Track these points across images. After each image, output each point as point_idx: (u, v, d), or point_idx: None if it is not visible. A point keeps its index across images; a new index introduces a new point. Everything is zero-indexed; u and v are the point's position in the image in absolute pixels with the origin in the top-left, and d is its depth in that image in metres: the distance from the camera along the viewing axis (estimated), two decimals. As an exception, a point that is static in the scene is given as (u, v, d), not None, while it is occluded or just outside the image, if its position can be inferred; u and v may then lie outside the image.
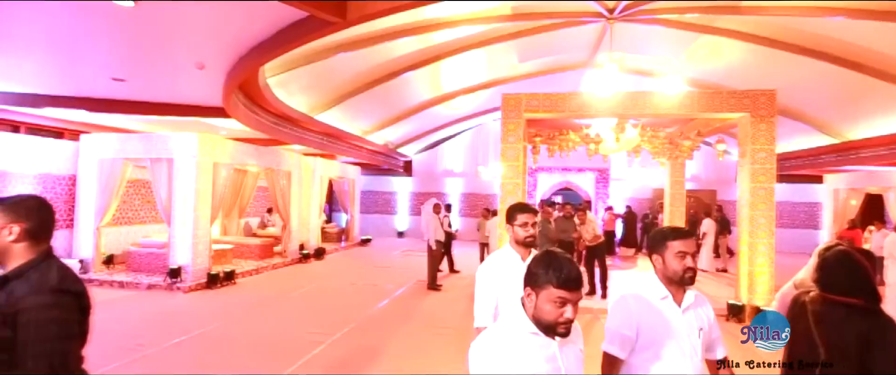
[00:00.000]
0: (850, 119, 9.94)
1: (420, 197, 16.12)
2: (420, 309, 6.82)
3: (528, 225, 2.26)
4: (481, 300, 2.22)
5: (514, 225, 2.29)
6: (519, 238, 2.28)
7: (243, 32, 4.89)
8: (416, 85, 10.43)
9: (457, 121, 14.35)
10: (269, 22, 4.75)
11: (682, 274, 1.75)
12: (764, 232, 6.15)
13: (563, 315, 1.39)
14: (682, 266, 1.75)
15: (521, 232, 2.27)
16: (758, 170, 6.22)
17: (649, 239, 1.88)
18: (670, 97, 6.55)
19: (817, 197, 14.19)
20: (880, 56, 7.31)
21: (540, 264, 1.44)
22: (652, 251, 1.86)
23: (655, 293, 1.80)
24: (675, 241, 1.77)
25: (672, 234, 1.81)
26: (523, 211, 2.32)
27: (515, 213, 2.31)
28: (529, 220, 2.27)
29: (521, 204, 2.42)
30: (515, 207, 2.37)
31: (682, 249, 1.76)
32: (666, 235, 1.82)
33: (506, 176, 6.82)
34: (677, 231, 1.83)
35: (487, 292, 2.21)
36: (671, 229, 1.86)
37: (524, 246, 2.28)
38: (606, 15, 7.25)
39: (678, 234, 1.81)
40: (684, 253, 1.76)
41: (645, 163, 13.13)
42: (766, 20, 7.07)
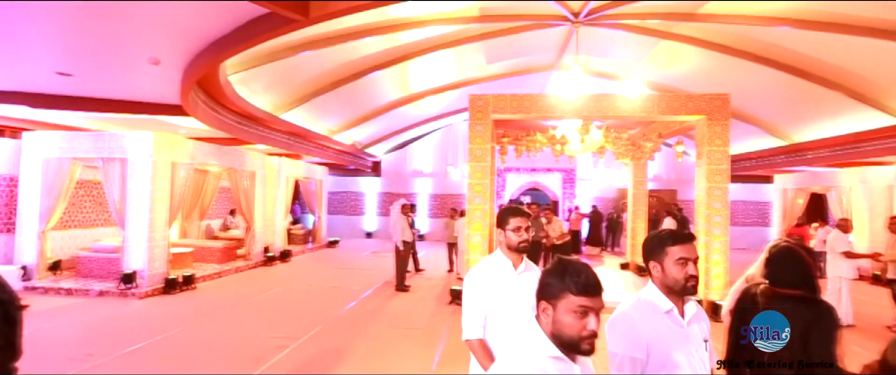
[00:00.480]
0: (797, 123, 10.54)
1: (389, 197, 16.00)
2: (388, 311, 6.76)
3: (522, 230, 2.09)
4: (470, 311, 2.07)
5: (506, 230, 2.12)
6: (511, 243, 2.11)
7: (200, 27, 4.70)
8: (383, 84, 10.35)
9: (425, 122, 14.33)
10: (228, 17, 4.59)
11: (685, 282, 1.61)
12: (719, 229, 6.43)
13: (587, 327, 1.25)
14: (684, 274, 1.60)
15: (513, 237, 2.10)
16: (713, 171, 6.50)
17: (645, 245, 1.73)
18: (632, 100, 6.75)
19: (768, 197, 14.97)
20: (823, 64, 7.79)
21: (553, 273, 1.32)
22: (649, 258, 1.70)
23: (658, 305, 1.63)
24: (674, 247, 1.62)
25: (671, 239, 1.66)
26: (516, 214, 2.15)
27: (507, 217, 2.16)
28: (523, 224, 2.10)
29: (514, 207, 2.22)
30: (507, 210, 2.20)
31: (682, 255, 1.61)
32: (664, 240, 1.67)
33: (473, 176, 6.85)
34: (677, 235, 1.68)
35: (476, 302, 2.07)
36: (669, 233, 1.70)
37: (517, 252, 2.11)
38: (572, 19, 7.41)
39: (678, 239, 1.66)
40: (685, 260, 1.61)
41: (609, 164, 13.51)
42: (720, 28, 7.40)
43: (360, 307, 6.92)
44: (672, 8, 7.01)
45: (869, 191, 10.52)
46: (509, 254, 2.13)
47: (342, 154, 13.42)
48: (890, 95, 7.93)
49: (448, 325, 6.03)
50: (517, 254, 2.12)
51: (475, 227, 6.80)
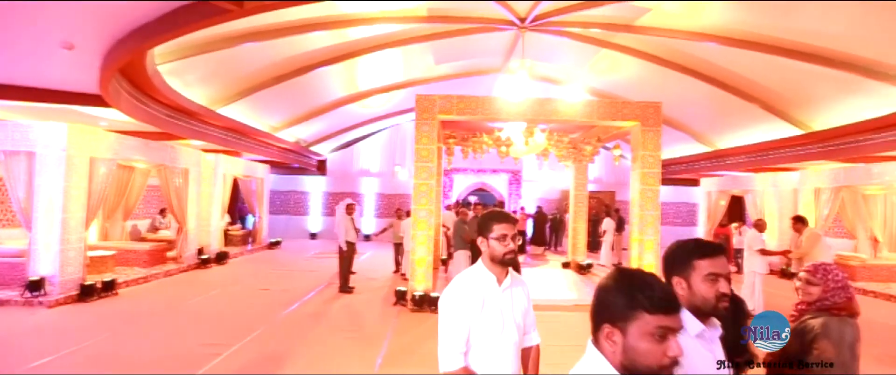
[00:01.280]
0: (720, 131, 11.42)
1: (334, 197, 15.61)
2: (330, 313, 6.57)
3: (508, 238, 1.79)
4: (449, 337, 1.72)
5: (490, 238, 1.80)
6: (495, 254, 1.79)
7: (120, 11, 4.31)
8: (330, 81, 10.07)
9: (373, 120, 14.12)
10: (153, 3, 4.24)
11: (716, 302, 1.39)
12: (651, 229, 6.82)
13: (668, 352, 1.02)
14: (715, 292, 1.38)
15: (498, 247, 1.78)
16: (646, 174, 6.89)
17: (667, 257, 1.49)
18: (573, 105, 7.01)
19: (694, 199, 16.12)
20: (742, 79, 8.50)
21: (616, 288, 1.09)
22: (671, 273, 1.46)
23: (689, 328, 1.37)
24: (703, 260, 1.40)
25: (699, 251, 1.42)
26: (500, 219, 1.83)
27: (490, 223, 1.83)
28: (509, 232, 1.80)
29: (498, 211, 1.92)
30: (491, 216, 1.88)
31: (713, 270, 1.39)
32: (691, 252, 1.43)
33: (419, 176, 6.82)
34: (705, 247, 1.44)
35: (457, 326, 1.72)
36: (696, 244, 1.46)
37: (502, 265, 1.81)
38: (518, 23, 7.58)
39: (707, 251, 1.42)
40: (716, 276, 1.39)
41: (553, 166, 13.97)
42: (655, 40, 7.87)
43: (301, 309, 6.68)
44: (612, 18, 7.36)
45: (778, 194, 11.60)
46: (493, 267, 1.82)
47: (285, 152, 12.92)
48: (796, 108, 8.79)
49: (393, 326, 5.96)
50: (502, 267, 1.82)
51: (421, 227, 6.77)
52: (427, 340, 5.51)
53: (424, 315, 6.45)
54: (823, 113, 8.54)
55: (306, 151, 14.23)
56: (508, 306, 1.81)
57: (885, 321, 6.84)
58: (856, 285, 8.99)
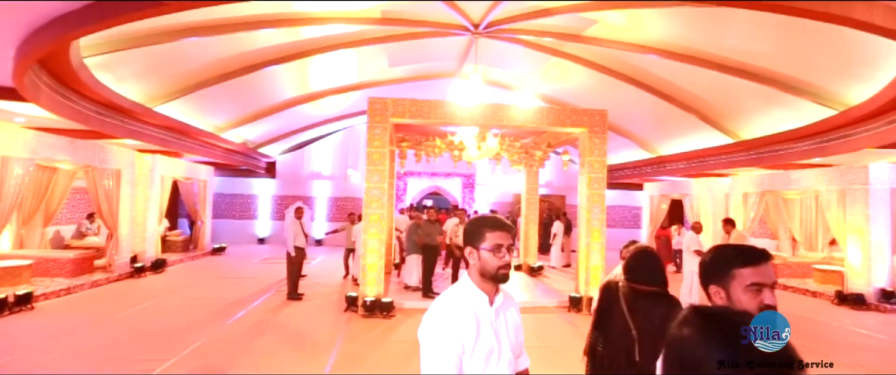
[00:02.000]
0: (661, 138, 12.08)
1: (284, 200, 15.08)
2: (278, 321, 6.31)
3: (503, 249, 1.51)
4: (436, 366, 1.42)
5: (480, 249, 1.52)
6: (487, 269, 1.51)
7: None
8: (280, 81, 9.74)
9: (325, 122, 13.79)
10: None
11: None
12: (597, 232, 7.07)
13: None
14: (758, 303, 1.24)
15: (491, 259, 1.51)
16: (593, 179, 7.14)
17: (704, 265, 1.37)
18: (525, 111, 7.17)
19: (639, 202, 16.93)
20: (681, 90, 9.03)
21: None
22: (708, 281, 1.34)
23: None
24: (744, 269, 1.26)
25: (740, 258, 1.29)
26: (495, 227, 1.54)
27: (482, 231, 1.54)
28: (504, 241, 1.52)
29: (491, 218, 1.61)
30: (482, 222, 1.58)
31: (756, 280, 1.25)
32: (731, 260, 1.30)
33: (371, 180, 6.72)
34: (747, 253, 1.30)
35: (447, 358, 1.42)
36: (736, 251, 1.32)
37: (494, 281, 1.53)
38: (472, 29, 7.66)
39: (749, 258, 1.28)
40: (760, 286, 1.25)
41: (506, 170, 14.22)
42: (602, 50, 8.20)
43: (247, 319, 6.37)
44: (562, 28, 7.60)
45: (713, 198, 12.41)
46: (483, 284, 1.54)
47: (231, 153, 12.33)
48: (727, 119, 9.45)
49: (342, 333, 5.80)
50: (493, 285, 1.55)
51: (372, 232, 6.66)
52: (378, 346, 5.42)
53: (375, 321, 6.34)
54: (750, 123, 9.24)
55: (254, 153, 13.66)
56: (502, 329, 1.55)
57: (803, 314, 7.47)
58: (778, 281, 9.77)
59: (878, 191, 8.04)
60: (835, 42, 5.49)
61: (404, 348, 5.39)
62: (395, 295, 7.56)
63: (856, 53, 5.60)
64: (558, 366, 4.66)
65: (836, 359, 5.17)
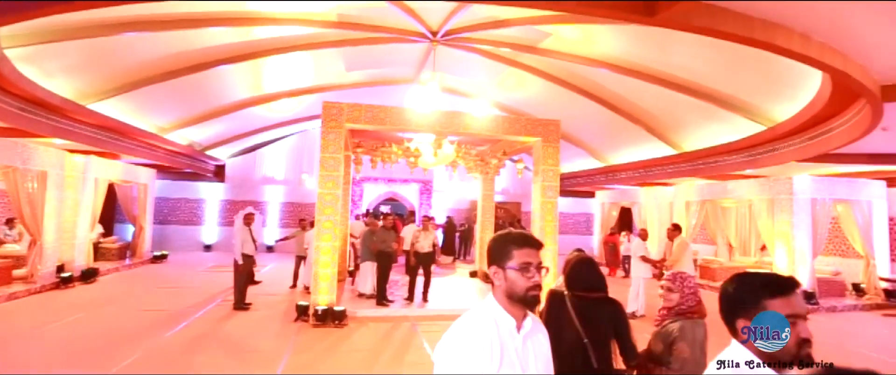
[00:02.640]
0: (612, 148, 12.60)
1: (234, 205, 14.45)
2: (223, 333, 6.00)
3: (533, 268, 1.36)
4: None
5: (507, 268, 1.37)
6: (515, 290, 1.36)
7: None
8: (231, 81, 9.37)
9: (278, 125, 13.39)
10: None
11: (797, 350, 1.15)
12: (550, 238, 7.24)
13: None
14: (795, 338, 1.15)
15: (520, 281, 1.35)
16: (546, 187, 7.32)
17: (727, 297, 1.26)
18: (480, 119, 7.27)
19: (591, 209, 17.54)
20: (630, 103, 9.47)
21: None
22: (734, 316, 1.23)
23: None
24: (775, 300, 1.17)
25: (769, 289, 1.19)
26: (523, 243, 1.40)
27: (508, 248, 1.39)
28: (534, 260, 1.38)
29: (519, 234, 1.46)
30: (509, 238, 1.43)
31: (789, 312, 1.16)
32: (758, 291, 1.19)
33: (324, 186, 6.56)
34: (776, 284, 1.20)
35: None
36: (764, 281, 1.22)
37: (523, 305, 1.38)
38: (430, 37, 7.70)
39: (779, 288, 1.18)
40: (795, 318, 1.15)
41: (463, 177, 14.33)
42: (555, 62, 8.47)
43: (188, 331, 6.01)
44: (519, 39, 7.79)
45: (658, 206, 13.05)
46: (511, 307, 1.38)
47: (176, 155, 11.70)
48: (671, 131, 9.99)
49: (292, 344, 5.60)
50: (521, 308, 1.39)
51: (325, 238, 6.50)
52: (330, 356, 5.27)
53: (327, 331, 6.17)
54: (691, 136, 9.82)
55: (201, 155, 13.03)
56: (531, 358, 1.38)
57: (738, 316, 7.97)
58: (715, 284, 10.38)
59: (801, 201, 8.74)
60: (764, 64, 5.94)
61: (357, 357, 5.28)
62: (349, 303, 7.40)
63: (782, 75, 6.08)
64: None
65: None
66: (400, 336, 6.18)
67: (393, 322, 6.79)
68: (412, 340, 5.98)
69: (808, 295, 8.47)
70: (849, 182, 9.32)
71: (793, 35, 4.27)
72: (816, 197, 8.85)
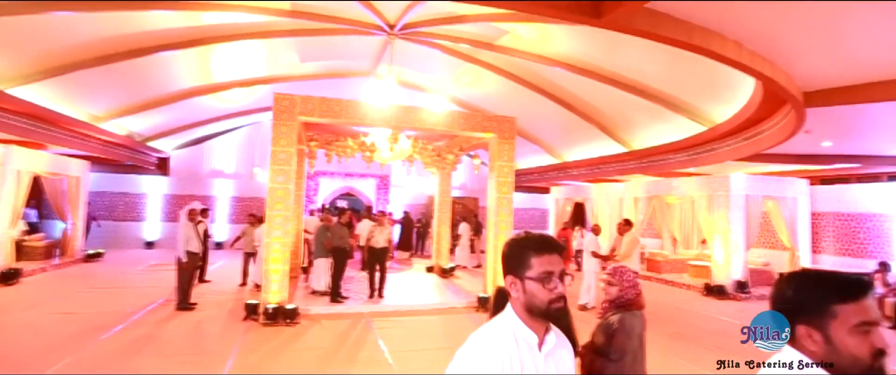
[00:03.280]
0: (566, 145, 12.95)
1: (179, 199, 13.70)
2: (163, 335, 5.68)
3: (555, 277, 1.23)
4: None
5: (526, 278, 1.25)
6: (536, 302, 1.23)
7: None
8: (177, 68, 8.84)
9: (229, 116, 12.80)
10: None
11: (871, 361, 1.01)
12: (505, 233, 7.35)
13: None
14: (868, 348, 1.01)
15: (540, 292, 1.22)
16: (502, 182, 7.42)
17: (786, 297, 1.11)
18: (437, 114, 7.25)
19: (545, 205, 18.00)
20: (583, 102, 9.75)
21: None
22: (799, 318, 1.07)
23: None
24: (846, 305, 1.02)
25: (840, 293, 1.04)
26: (543, 249, 1.27)
27: (526, 255, 1.26)
28: (556, 267, 1.25)
29: (538, 237, 1.31)
30: (526, 243, 1.29)
31: (864, 318, 1.01)
32: (828, 294, 1.04)
33: (275, 180, 6.34)
34: (849, 285, 1.05)
35: None
36: (831, 282, 1.07)
37: (545, 319, 1.26)
38: (387, 30, 7.58)
39: (851, 291, 1.04)
40: (869, 325, 1.01)
41: (421, 172, 14.29)
42: (513, 60, 8.57)
43: (126, 334, 5.64)
44: (476, 36, 7.82)
45: (609, 202, 13.57)
46: (531, 322, 1.25)
47: (112, 146, 10.92)
48: (621, 130, 10.39)
49: (240, 344, 5.39)
50: (542, 322, 1.26)
51: (276, 234, 6.29)
52: (280, 355, 5.11)
53: (277, 329, 5.98)
54: (639, 135, 10.25)
55: (142, 147, 12.23)
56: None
57: (678, 305, 8.43)
58: (660, 276, 10.95)
59: (736, 198, 9.36)
60: (705, 68, 6.27)
61: (309, 356, 5.15)
62: (302, 300, 7.21)
63: (721, 79, 6.46)
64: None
65: (703, 343, 5.91)
66: (355, 333, 6.09)
67: (348, 319, 6.68)
68: (367, 337, 5.91)
69: (741, 284, 9.09)
70: (778, 180, 10.07)
71: (727, 42, 4.54)
72: (750, 194, 9.50)
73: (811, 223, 10.43)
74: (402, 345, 5.58)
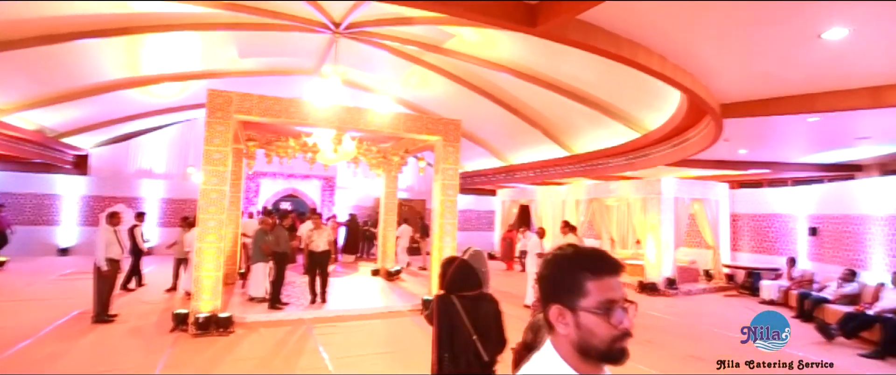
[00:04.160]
0: (512, 149, 13.25)
1: (101, 201, 12.59)
2: (77, 351, 5.16)
3: (617, 305, 0.98)
4: None
5: (580, 308, 0.98)
6: (594, 343, 0.98)
7: None
8: (99, 58, 8.16)
9: (159, 112, 11.99)
10: None
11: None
12: (449, 235, 7.39)
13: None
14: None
15: (601, 328, 0.97)
16: (447, 185, 7.45)
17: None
18: (382, 115, 7.16)
19: (492, 206, 18.31)
20: (528, 107, 10.03)
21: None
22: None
23: None
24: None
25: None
26: (601, 269, 1.00)
27: (580, 278, 0.99)
28: (618, 293, 0.99)
29: (594, 254, 1.03)
30: (579, 262, 1.01)
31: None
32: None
33: (208, 182, 5.98)
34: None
35: None
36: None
37: (605, 361, 1.00)
38: (332, 28, 7.40)
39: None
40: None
41: (368, 174, 14.06)
42: (460, 63, 8.66)
43: (32, 351, 5.07)
44: (424, 38, 7.82)
45: (553, 204, 14.03)
46: (583, 365, 0.99)
47: (18, 142, 9.86)
48: (564, 135, 10.79)
49: (166, 357, 5.01)
50: (598, 366, 1.00)
51: (209, 238, 5.93)
52: (211, 367, 4.81)
53: (209, 340, 5.63)
54: (581, 140, 10.70)
55: (55, 143, 11.15)
56: None
57: (615, 304, 8.86)
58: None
59: (667, 200, 9.99)
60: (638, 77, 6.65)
61: (244, 367, 4.90)
62: (238, 308, 6.85)
63: (651, 88, 6.87)
64: (408, 369, 4.73)
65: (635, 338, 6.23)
66: (294, 340, 5.86)
67: (287, 326, 6.42)
68: (307, 344, 5.70)
69: (670, 281, 9.71)
70: (702, 184, 10.87)
71: (653, 55, 4.84)
72: (679, 197, 10.17)
73: (731, 223, 11.33)
74: (343, 351, 5.43)
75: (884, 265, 7.23)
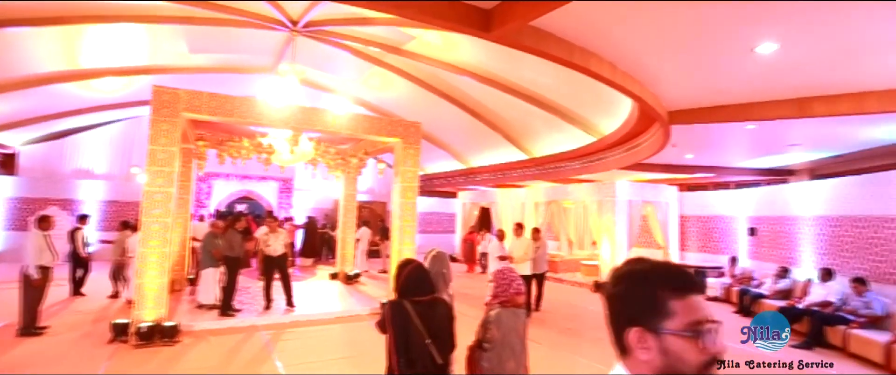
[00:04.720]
0: (472, 151, 13.36)
1: (32, 204, 11.66)
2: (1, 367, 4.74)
3: (707, 328, 0.87)
4: None
5: (664, 334, 0.87)
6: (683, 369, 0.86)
7: None
8: (29, 48, 7.55)
9: (99, 109, 11.24)
10: None
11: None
12: (409, 238, 7.34)
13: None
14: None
15: (690, 353, 0.86)
16: (406, 187, 7.40)
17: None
18: (340, 116, 7.03)
19: (453, 209, 18.38)
20: (489, 111, 10.14)
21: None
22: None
23: None
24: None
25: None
26: (688, 287, 0.89)
27: (663, 296, 0.89)
28: (706, 315, 0.89)
29: (677, 270, 0.93)
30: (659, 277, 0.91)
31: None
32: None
33: (153, 183, 5.67)
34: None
35: None
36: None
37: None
38: (290, 26, 7.20)
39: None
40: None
41: (326, 176, 13.77)
42: (420, 66, 8.64)
43: (-57, 370, 4.61)
44: (384, 39, 7.74)
45: (512, 207, 14.25)
46: None
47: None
48: (523, 138, 10.99)
49: (103, 370, 4.68)
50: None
51: (153, 243, 5.60)
52: (152, 382, 4.54)
53: (153, 351, 5.31)
54: (539, 143, 10.93)
55: (-21, 140, 10.23)
56: None
57: (571, 302, 9.08)
58: (557, 276, 11.73)
59: (621, 203, 10.37)
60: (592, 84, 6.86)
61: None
62: (186, 315, 6.51)
63: (605, 94, 7.12)
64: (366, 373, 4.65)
65: (588, 337, 6.41)
66: (246, 348, 5.62)
67: (239, 333, 6.16)
68: (259, 352, 5.49)
69: (623, 281, 10.07)
70: (654, 187, 11.36)
71: (603, 63, 5.02)
72: (632, 199, 10.59)
73: (680, 224, 11.91)
74: (298, 358, 5.27)
75: (812, 262, 7.80)
